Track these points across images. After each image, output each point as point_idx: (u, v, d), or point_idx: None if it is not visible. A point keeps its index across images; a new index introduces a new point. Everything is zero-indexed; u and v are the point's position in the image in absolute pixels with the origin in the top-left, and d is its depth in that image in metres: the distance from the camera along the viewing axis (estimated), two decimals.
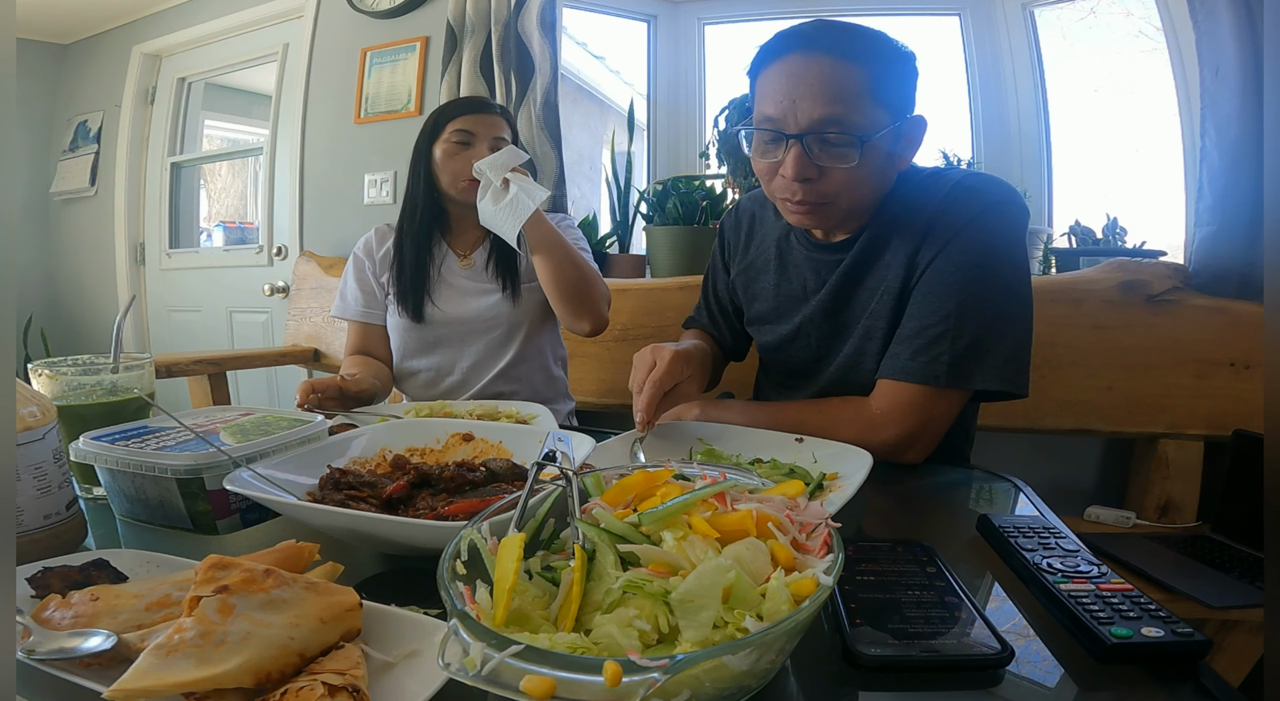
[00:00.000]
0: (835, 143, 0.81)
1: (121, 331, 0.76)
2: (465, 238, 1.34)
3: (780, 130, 0.83)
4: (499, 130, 1.27)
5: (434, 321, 1.29)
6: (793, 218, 0.90)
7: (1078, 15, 1.91)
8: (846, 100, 0.80)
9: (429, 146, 1.27)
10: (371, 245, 1.36)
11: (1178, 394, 1.42)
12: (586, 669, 0.28)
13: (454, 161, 1.24)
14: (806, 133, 0.81)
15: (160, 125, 3.03)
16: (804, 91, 0.80)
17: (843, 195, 0.85)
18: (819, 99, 0.80)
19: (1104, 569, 0.48)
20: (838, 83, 0.80)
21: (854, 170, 0.82)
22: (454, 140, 1.24)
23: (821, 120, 0.80)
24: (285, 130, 2.62)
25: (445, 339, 1.30)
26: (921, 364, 0.83)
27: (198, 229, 3.20)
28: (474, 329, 1.30)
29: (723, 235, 1.17)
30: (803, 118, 0.81)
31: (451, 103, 1.31)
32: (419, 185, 1.29)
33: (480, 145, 1.24)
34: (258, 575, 0.38)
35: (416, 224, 1.30)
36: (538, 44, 1.92)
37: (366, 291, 1.35)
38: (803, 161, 0.82)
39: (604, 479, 0.48)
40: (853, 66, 0.80)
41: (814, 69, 0.80)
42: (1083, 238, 1.74)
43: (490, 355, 1.31)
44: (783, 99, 0.81)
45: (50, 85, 3.30)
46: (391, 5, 2.29)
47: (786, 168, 0.83)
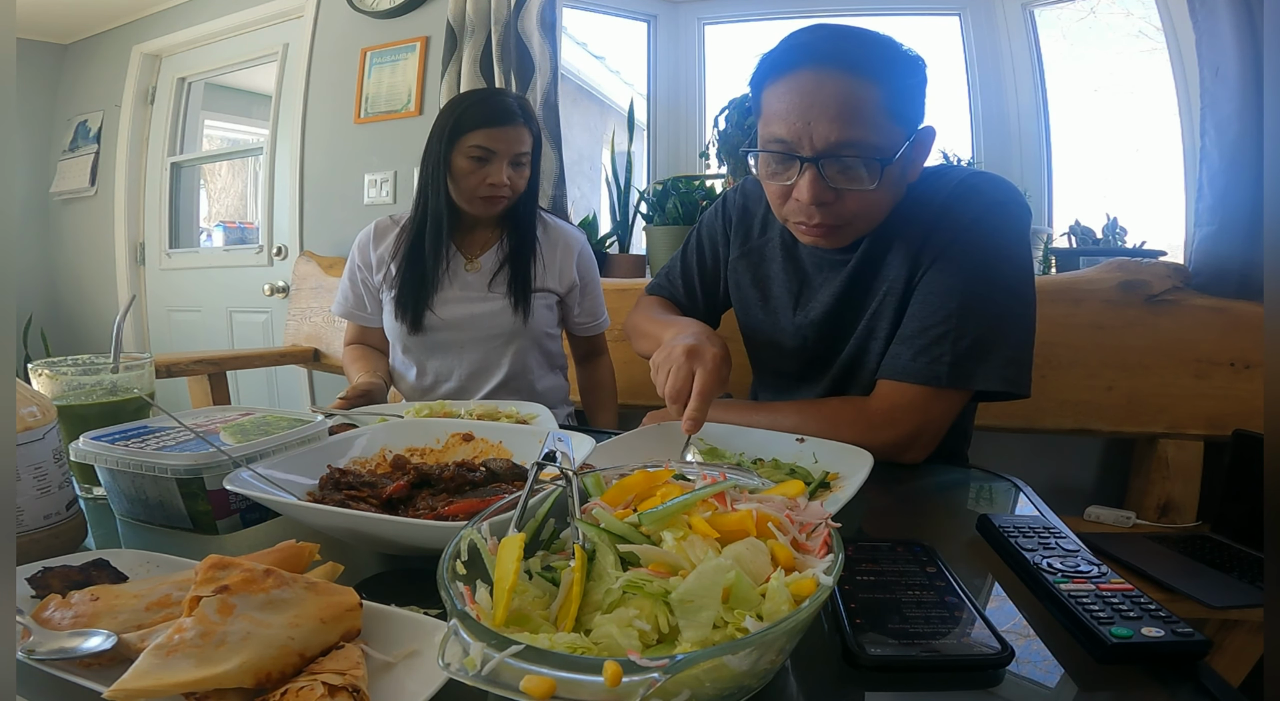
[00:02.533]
0: (852, 165, 0.78)
1: (121, 331, 0.76)
2: (474, 239, 1.31)
3: (793, 153, 0.79)
4: (520, 144, 1.20)
5: (432, 327, 1.26)
6: (806, 239, 0.88)
7: (1078, 15, 1.91)
8: (864, 121, 0.76)
9: (446, 153, 1.20)
10: (368, 245, 1.32)
11: (1178, 394, 1.42)
12: (586, 669, 0.28)
13: (470, 179, 1.19)
14: (822, 156, 0.77)
15: (160, 125, 3.04)
16: (818, 112, 0.76)
17: (860, 216, 0.83)
18: (835, 121, 0.76)
19: (1104, 569, 0.48)
20: (854, 103, 0.76)
21: (872, 192, 0.79)
22: (471, 155, 1.18)
23: (838, 143, 0.76)
24: (285, 130, 2.62)
25: (443, 344, 1.27)
26: (923, 364, 0.83)
27: (198, 229, 3.20)
28: (474, 336, 1.27)
29: (726, 210, 1.11)
30: (818, 140, 0.77)
31: (471, 107, 1.20)
32: (438, 195, 1.23)
33: (499, 162, 1.19)
34: (258, 575, 0.38)
35: (431, 237, 1.24)
36: (538, 44, 1.92)
37: (357, 295, 1.34)
38: (819, 186, 0.79)
39: (604, 479, 0.48)
40: (869, 83, 0.75)
41: (828, 88, 0.76)
42: (1083, 238, 1.74)
43: (490, 364, 1.28)
44: (796, 120, 0.77)
45: (50, 85, 3.30)
46: (391, 5, 2.29)
47: (801, 192, 0.80)
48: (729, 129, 1.73)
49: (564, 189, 1.97)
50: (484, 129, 1.18)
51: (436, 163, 1.21)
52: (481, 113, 1.19)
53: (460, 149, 1.19)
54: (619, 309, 1.52)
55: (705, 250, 1.14)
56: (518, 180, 1.23)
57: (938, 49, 2.02)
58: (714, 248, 1.13)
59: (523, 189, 1.25)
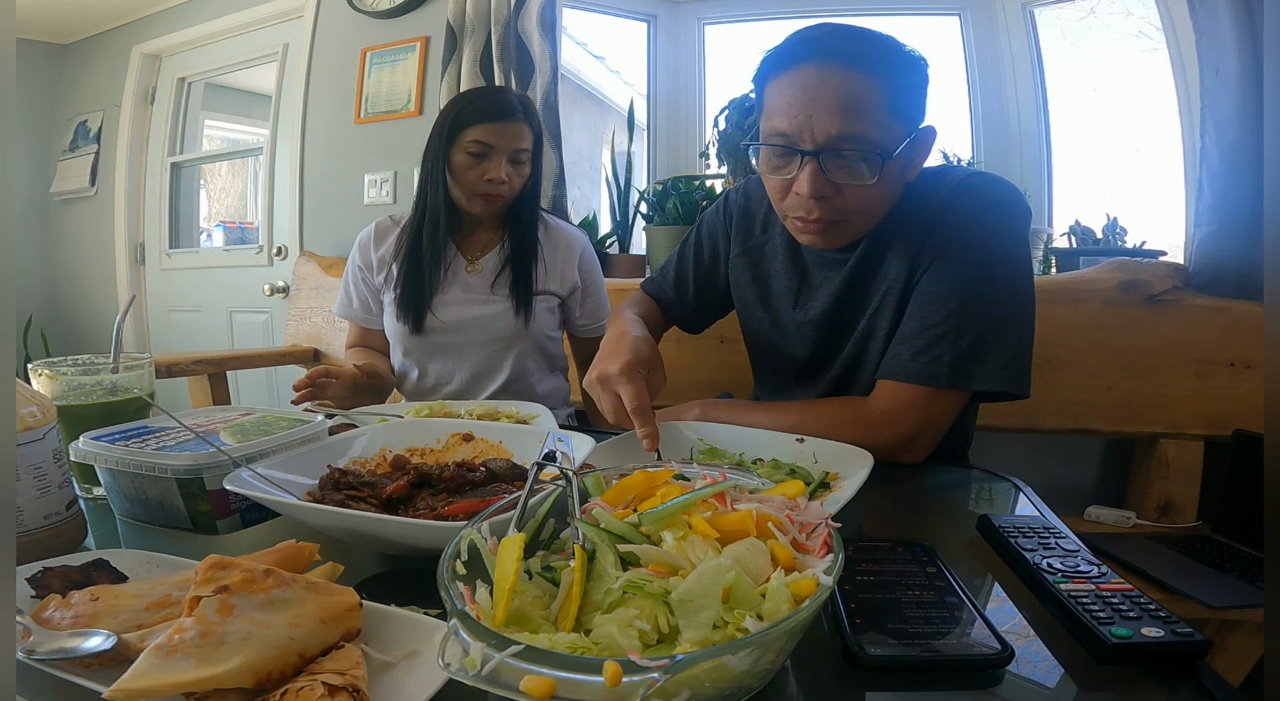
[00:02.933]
0: (852, 160, 0.78)
1: (121, 331, 0.76)
2: (475, 241, 1.29)
3: (795, 146, 0.79)
4: (519, 140, 1.19)
5: (432, 329, 1.25)
6: (803, 237, 0.88)
7: (1078, 15, 1.91)
8: (865, 115, 0.76)
9: (446, 150, 1.19)
10: (369, 245, 1.31)
11: (1178, 394, 1.42)
12: (586, 669, 0.28)
13: (468, 175, 1.18)
14: (823, 149, 0.78)
15: (160, 125, 3.04)
16: (820, 105, 0.77)
17: (858, 213, 0.84)
18: (836, 114, 0.76)
19: (1104, 569, 0.48)
20: (856, 96, 0.76)
21: (871, 188, 0.80)
22: (470, 150, 1.17)
23: (839, 136, 0.77)
24: (285, 130, 2.62)
25: (444, 347, 1.26)
26: (922, 364, 0.83)
27: (198, 229, 3.20)
28: (474, 339, 1.26)
29: (727, 209, 1.11)
30: (819, 133, 0.77)
31: (471, 103, 1.19)
32: (437, 193, 1.21)
33: (498, 158, 1.17)
34: (258, 575, 0.38)
35: (429, 234, 1.23)
36: (538, 44, 1.92)
37: (361, 298, 1.32)
38: (819, 179, 0.79)
39: (604, 479, 0.48)
40: (870, 78, 0.76)
41: (830, 81, 0.77)
42: (1083, 238, 1.74)
43: (491, 366, 1.28)
44: (797, 113, 0.78)
45: (50, 85, 3.30)
46: (391, 5, 2.29)
47: (802, 185, 0.81)
48: (729, 129, 1.73)
49: (564, 189, 1.97)
50: (483, 124, 1.16)
51: (436, 160, 1.20)
52: (481, 108, 1.18)
53: (459, 144, 1.18)
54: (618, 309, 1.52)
55: (705, 248, 1.14)
56: (516, 177, 1.21)
57: (938, 49, 2.02)
58: (714, 246, 1.13)
59: (520, 187, 1.24)
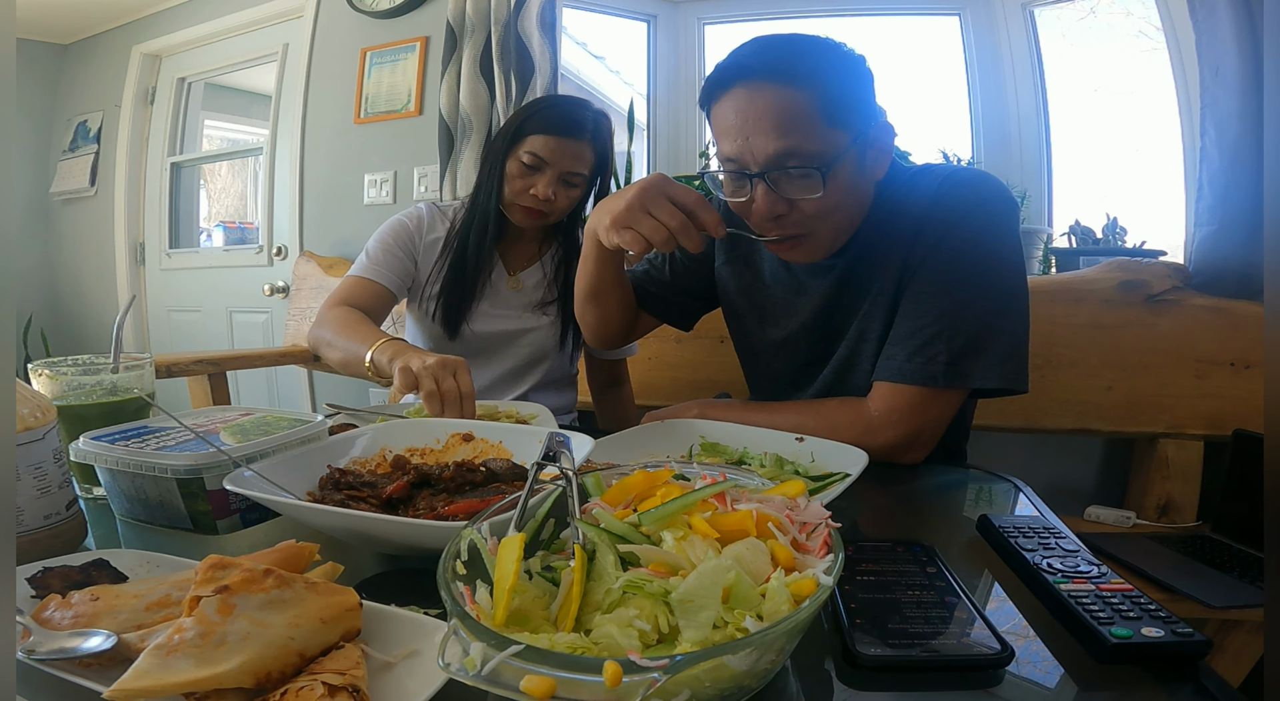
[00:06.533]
0: (797, 175, 0.79)
1: (121, 331, 0.76)
2: (518, 252, 1.27)
3: (742, 170, 0.81)
4: (578, 162, 1.14)
5: (464, 338, 1.22)
6: (783, 256, 0.89)
7: (1078, 15, 1.91)
8: (800, 129, 0.77)
9: (504, 152, 1.15)
10: (422, 224, 1.25)
11: (1178, 394, 1.42)
12: (586, 669, 0.28)
13: (515, 184, 1.15)
14: (767, 169, 0.79)
15: (160, 125, 3.04)
16: (754, 127, 0.78)
17: (820, 223, 0.84)
18: (770, 133, 0.77)
19: (1104, 569, 0.48)
20: (788, 113, 0.77)
21: (823, 199, 0.80)
22: (524, 160, 1.13)
23: (778, 155, 0.78)
24: (285, 130, 2.62)
25: (471, 353, 1.22)
26: (918, 365, 0.83)
27: (198, 229, 3.20)
28: (502, 351, 1.24)
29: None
30: (759, 154, 0.78)
31: (539, 111, 1.15)
32: (490, 197, 1.18)
33: (549, 173, 1.13)
34: (258, 575, 0.38)
35: (476, 238, 1.20)
36: (537, 44, 1.92)
37: (399, 267, 1.21)
38: (770, 198, 0.81)
39: (604, 479, 0.48)
40: (799, 91, 0.77)
41: (760, 102, 0.78)
42: (1083, 237, 1.74)
43: (514, 377, 1.26)
44: (736, 136, 0.80)
45: (50, 85, 3.30)
46: (391, 5, 2.29)
47: (758, 206, 0.82)
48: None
49: None
50: (544, 136, 1.12)
51: (494, 162, 1.17)
52: (547, 119, 1.13)
53: (517, 151, 1.14)
54: None
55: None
56: (564, 198, 1.17)
57: (938, 49, 2.02)
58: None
59: (565, 209, 1.19)
